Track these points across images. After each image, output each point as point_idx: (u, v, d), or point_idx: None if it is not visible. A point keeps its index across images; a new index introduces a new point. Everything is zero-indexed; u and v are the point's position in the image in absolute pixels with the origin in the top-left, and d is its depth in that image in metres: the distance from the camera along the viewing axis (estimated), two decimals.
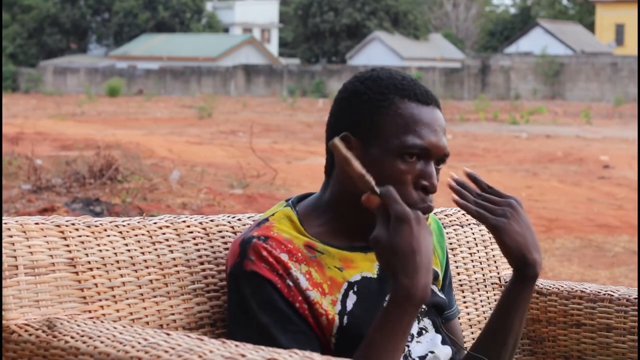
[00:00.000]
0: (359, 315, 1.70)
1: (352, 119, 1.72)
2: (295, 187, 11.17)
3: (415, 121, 1.69)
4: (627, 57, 43.19)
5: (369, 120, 1.70)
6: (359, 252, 1.76)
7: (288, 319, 1.66)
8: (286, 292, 1.66)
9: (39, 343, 1.56)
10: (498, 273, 2.30)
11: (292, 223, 1.74)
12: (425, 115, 1.70)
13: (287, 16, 64.42)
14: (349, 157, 1.62)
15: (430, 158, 1.70)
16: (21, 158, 12.32)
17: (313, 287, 1.69)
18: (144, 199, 9.55)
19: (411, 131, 1.68)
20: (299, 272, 1.68)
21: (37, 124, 22.60)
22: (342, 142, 1.65)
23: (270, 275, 1.66)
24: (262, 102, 39.24)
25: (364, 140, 1.70)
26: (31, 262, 1.63)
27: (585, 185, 12.20)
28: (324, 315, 1.68)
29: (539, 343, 2.27)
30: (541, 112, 30.19)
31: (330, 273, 1.71)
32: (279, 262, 1.67)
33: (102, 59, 57.57)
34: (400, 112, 1.69)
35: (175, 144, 17.35)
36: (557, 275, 6.82)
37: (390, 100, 1.70)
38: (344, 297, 1.71)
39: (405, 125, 1.69)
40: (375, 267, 1.76)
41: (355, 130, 1.71)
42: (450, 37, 61.14)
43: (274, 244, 1.68)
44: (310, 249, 1.72)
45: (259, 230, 1.71)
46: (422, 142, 1.68)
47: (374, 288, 1.74)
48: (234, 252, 1.71)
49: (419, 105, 1.71)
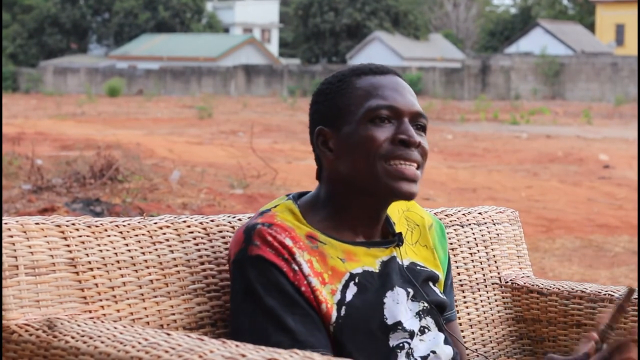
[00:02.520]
0: (357, 307, 1.70)
1: (321, 114, 1.77)
2: (295, 187, 11.17)
3: (375, 87, 1.74)
4: (628, 57, 43.18)
5: (334, 106, 1.75)
6: (362, 247, 1.76)
7: (294, 302, 1.66)
8: (292, 276, 1.67)
9: (39, 343, 1.56)
10: (498, 273, 2.30)
11: (294, 215, 1.75)
12: (384, 81, 1.75)
13: (288, 16, 64.41)
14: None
15: (401, 116, 1.73)
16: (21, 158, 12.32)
17: (314, 275, 1.69)
18: (144, 199, 9.55)
19: (372, 96, 1.73)
20: (302, 258, 1.69)
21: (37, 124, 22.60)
22: (318, 136, 1.74)
23: (276, 259, 1.67)
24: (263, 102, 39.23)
25: (335, 125, 1.74)
26: (31, 262, 1.63)
27: (586, 185, 12.19)
28: (324, 303, 1.68)
29: (539, 343, 2.27)
30: (543, 112, 30.19)
31: (332, 263, 1.72)
32: (284, 246, 1.68)
33: (103, 59, 57.57)
34: (358, 86, 1.75)
35: (176, 144, 17.35)
36: (557, 275, 6.82)
37: (348, 82, 1.76)
38: (344, 287, 1.71)
39: (366, 93, 1.73)
40: (377, 262, 1.76)
41: (326, 121, 1.76)
42: (451, 37, 61.13)
43: (278, 229, 1.69)
44: (312, 239, 1.72)
45: (263, 218, 1.73)
46: (386, 102, 1.72)
47: (375, 282, 1.74)
48: (237, 239, 1.71)
49: (375, 76, 1.76)
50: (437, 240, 1.91)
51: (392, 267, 1.77)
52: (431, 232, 1.90)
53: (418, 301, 1.78)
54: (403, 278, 1.78)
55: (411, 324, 1.75)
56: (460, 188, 11.57)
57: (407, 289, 1.78)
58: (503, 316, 2.28)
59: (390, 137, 1.71)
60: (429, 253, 1.88)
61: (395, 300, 1.74)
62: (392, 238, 1.81)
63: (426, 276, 1.83)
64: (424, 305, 1.78)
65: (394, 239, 1.80)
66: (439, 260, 1.89)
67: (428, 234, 1.89)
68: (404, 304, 1.75)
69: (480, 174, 13.12)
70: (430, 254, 1.88)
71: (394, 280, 1.76)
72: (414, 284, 1.79)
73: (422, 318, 1.78)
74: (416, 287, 1.79)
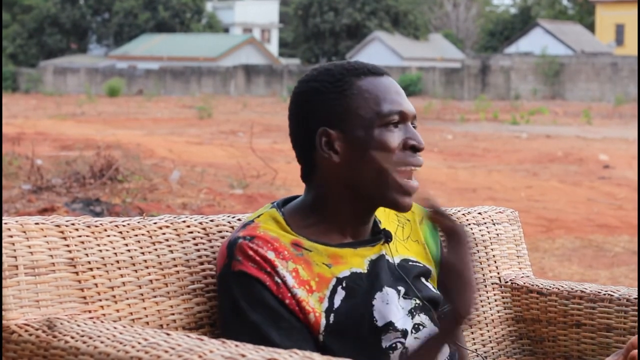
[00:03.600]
0: (346, 312, 1.70)
1: (322, 115, 1.74)
2: (295, 187, 11.17)
3: (381, 91, 1.74)
4: (627, 57, 43.18)
5: (339, 107, 1.73)
6: (349, 248, 1.75)
7: (279, 315, 1.66)
8: (275, 290, 1.66)
9: (39, 343, 1.56)
10: (498, 273, 2.30)
11: (278, 223, 1.74)
12: (386, 84, 1.75)
13: (287, 16, 64.42)
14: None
15: (406, 120, 1.74)
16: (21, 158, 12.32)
17: (299, 285, 1.68)
18: (144, 199, 9.55)
19: (382, 100, 1.73)
20: (286, 270, 1.68)
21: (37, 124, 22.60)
22: (321, 137, 1.72)
23: (258, 274, 1.66)
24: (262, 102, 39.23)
25: (343, 127, 1.72)
26: (31, 262, 1.63)
27: (586, 185, 12.19)
28: (311, 313, 1.68)
29: (539, 343, 2.27)
30: (543, 112, 30.18)
31: (318, 270, 1.71)
32: (266, 260, 1.67)
33: (102, 59, 57.57)
34: (364, 88, 1.73)
35: (176, 144, 17.35)
36: (557, 275, 6.82)
37: (349, 82, 1.74)
38: (332, 293, 1.71)
39: (375, 97, 1.73)
40: (365, 262, 1.76)
41: (330, 123, 1.73)
42: (451, 37, 61.13)
43: (260, 242, 1.68)
44: (297, 246, 1.72)
45: (245, 231, 1.72)
46: (396, 107, 1.73)
47: (363, 284, 1.74)
48: (222, 254, 1.71)
49: (376, 78, 1.75)
50: (429, 235, 1.90)
51: (381, 266, 1.77)
52: (422, 227, 1.90)
53: (410, 298, 1.78)
54: (394, 276, 1.78)
55: (403, 323, 1.74)
56: (460, 188, 11.57)
57: (398, 287, 1.77)
58: (503, 316, 2.28)
59: (401, 142, 1.72)
60: (421, 248, 1.88)
61: (384, 301, 1.74)
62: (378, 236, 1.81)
63: (418, 272, 1.82)
64: (417, 303, 1.78)
65: (380, 236, 1.80)
66: (431, 254, 1.89)
67: (419, 228, 1.89)
68: (394, 303, 1.74)
69: (480, 174, 13.12)
70: (421, 249, 1.88)
71: (383, 280, 1.75)
72: (405, 281, 1.78)
73: (415, 315, 1.77)
74: (408, 284, 1.78)
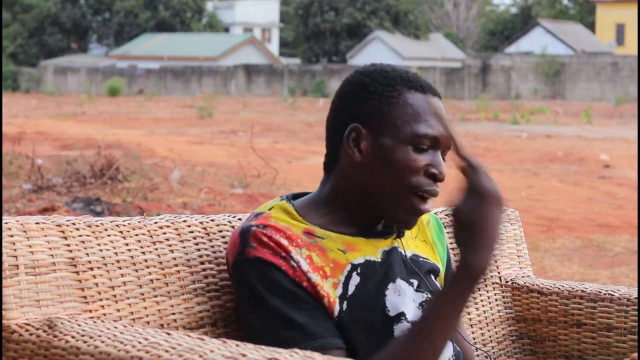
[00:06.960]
0: (359, 299, 1.70)
1: (360, 111, 1.73)
2: (296, 186, 11.17)
3: (425, 111, 1.71)
4: (628, 56, 43.17)
5: (379, 110, 1.72)
6: (361, 237, 1.76)
7: (299, 297, 1.66)
8: (292, 273, 1.67)
9: (39, 343, 1.56)
10: (498, 273, 2.30)
11: (289, 214, 1.75)
12: (432, 103, 1.73)
13: (288, 16, 64.41)
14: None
15: (438, 148, 1.72)
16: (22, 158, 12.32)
17: (314, 270, 1.69)
18: (144, 198, 9.55)
19: (422, 120, 1.71)
20: (300, 256, 1.68)
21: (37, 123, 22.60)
22: (351, 132, 1.71)
23: (274, 259, 1.67)
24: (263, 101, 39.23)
25: (375, 130, 1.72)
26: (32, 262, 1.63)
27: (586, 185, 12.19)
28: (326, 298, 1.68)
29: (539, 343, 2.27)
30: (543, 112, 30.18)
31: (333, 255, 1.72)
32: (280, 245, 1.68)
33: (103, 59, 57.56)
34: (410, 102, 1.72)
35: (176, 144, 17.35)
36: (557, 275, 6.82)
37: (399, 91, 1.72)
38: (346, 279, 1.71)
39: (416, 114, 1.71)
40: (378, 252, 1.76)
41: (365, 122, 1.72)
42: (451, 36, 61.12)
43: (273, 230, 1.69)
44: (309, 235, 1.72)
45: (257, 220, 1.72)
46: (433, 131, 1.71)
47: (377, 272, 1.74)
48: (234, 243, 1.71)
49: (426, 96, 1.73)
50: (435, 236, 1.92)
51: (394, 257, 1.78)
52: (429, 228, 1.91)
53: (422, 292, 1.79)
54: (407, 269, 1.79)
55: (414, 315, 1.75)
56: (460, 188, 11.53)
57: (411, 279, 1.78)
58: (503, 316, 2.28)
59: (424, 167, 1.70)
60: (429, 248, 1.89)
61: (397, 292, 1.74)
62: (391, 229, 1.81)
63: (429, 268, 1.84)
64: (428, 297, 1.79)
65: (393, 230, 1.80)
66: (439, 255, 1.90)
67: (426, 229, 1.90)
68: (408, 295, 1.76)
69: None
70: (429, 248, 1.89)
71: (397, 272, 1.76)
72: (418, 275, 1.80)
73: (425, 309, 1.78)
74: (420, 277, 1.80)
